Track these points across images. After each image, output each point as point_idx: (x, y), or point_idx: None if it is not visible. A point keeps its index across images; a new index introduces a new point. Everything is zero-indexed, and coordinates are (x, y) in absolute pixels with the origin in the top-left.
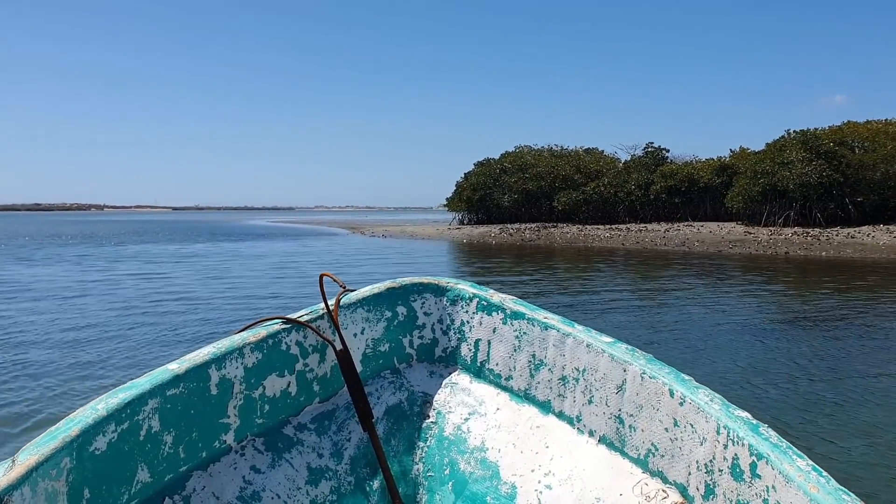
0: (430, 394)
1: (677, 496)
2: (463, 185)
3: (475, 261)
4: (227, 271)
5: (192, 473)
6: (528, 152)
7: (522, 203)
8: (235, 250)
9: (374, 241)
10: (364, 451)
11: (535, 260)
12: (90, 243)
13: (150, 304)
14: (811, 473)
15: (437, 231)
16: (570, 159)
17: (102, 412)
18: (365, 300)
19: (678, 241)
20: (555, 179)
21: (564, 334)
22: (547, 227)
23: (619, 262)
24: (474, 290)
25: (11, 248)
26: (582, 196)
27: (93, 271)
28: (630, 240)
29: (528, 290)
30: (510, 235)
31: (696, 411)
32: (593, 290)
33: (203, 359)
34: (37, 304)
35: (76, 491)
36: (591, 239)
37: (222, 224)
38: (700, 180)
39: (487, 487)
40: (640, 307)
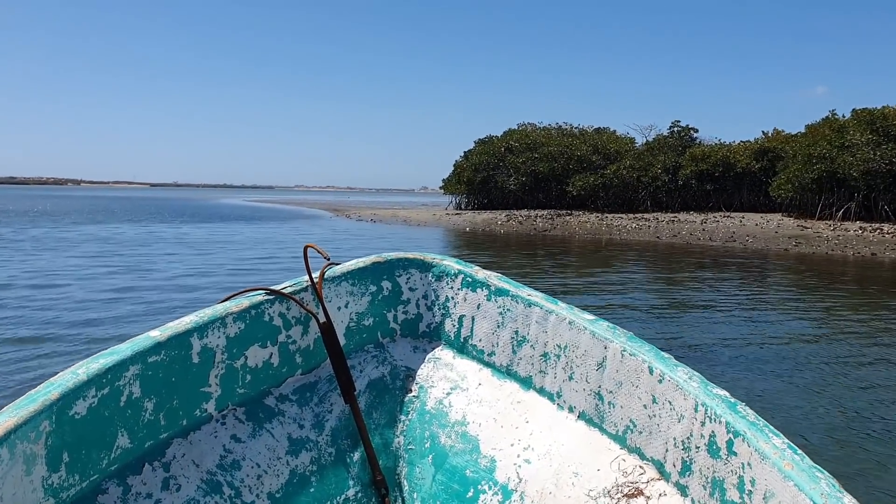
0: (413, 368)
1: (654, 472)
2: (462, 165)
3: (483, 254)
4: (148, 267)
5: (173, 441)
6: (535, 130)
7: (530, 186)
8: (184, 235)
9: (362, 227)
10: (345, 424)
11: (556, 256)
12: (32, 223)
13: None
14: (786, 451)
15: (434, 216)
16: (585, 138)
17: (83, 376)
18: (350, 274)
19: (723, 235)
20: (568, 161)
21: (547, 311)
22: (561, 215)
23: (667, 262)
24: (459, 267)
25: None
26: (601, 180)
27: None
28: (663, 232)
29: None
30: (520, 223)
31: (675, 389)
32: (667, 314)
33: (185, 327)
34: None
35: (55, 454)
36: (617, 230)
37: (195, 202)
38: (737, 165)
39: (467, 461)
40: (771, 344)
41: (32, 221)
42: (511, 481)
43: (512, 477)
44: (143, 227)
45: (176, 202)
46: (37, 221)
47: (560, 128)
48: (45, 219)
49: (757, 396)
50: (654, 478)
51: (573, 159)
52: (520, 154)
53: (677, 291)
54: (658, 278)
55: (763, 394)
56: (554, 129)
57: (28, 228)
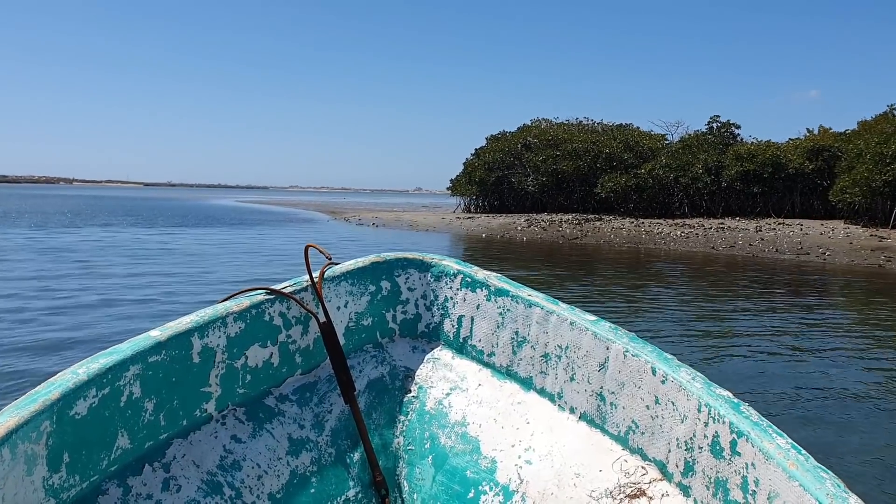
0: (412, 369)
1: (656, 473)
2: (474, 164)
3: (508, 268)
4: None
5: (173, 441)
6: (553, 126)
7: (551, 187)
8: (141, 243)
9: (364, 232)
10: (345, 424)
11: (598, 271)
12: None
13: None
14: (790, 451)
15: (443, 221)
16: (614, 134)
17: (83, 376)
18: (349, 273)
19: (790, 246)
20: (595, 159)
21: (548, 312)
22: (589, 220)
23: (746, 283)
24: (459, 267)
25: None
26: (634, 181)
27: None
28: (716, 241)
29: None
30: (543, 230)
31: (678, 389)
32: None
33: (185, 327)
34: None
35: (56, 454)
36: (660, 239)
37: (183, 203)
38: (788, 165)
39: (468, 462)
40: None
41: (79, 223)
42: (512, 482)
43: (513, 478)
44: (111, 231)
45: (164, 202)
46: (87, 222)
47: (581, 123)
48: (61, 220)
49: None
50: (657, 478)
51: (601, 157)
52: (539, 151)
53: (805, 332)
54: (752, 309)
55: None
56: (574, 125)
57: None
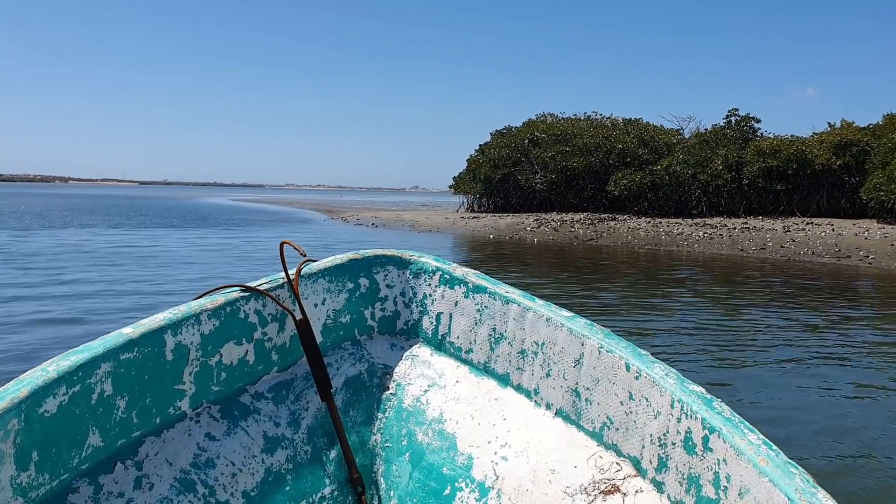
0: (391, 366)
1: (630, 469)
2: (478, 161)
3: (524, 275)
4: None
5: (146, 439)
6: (561, 121)
7: (561, 185)
8: (118, 247)
9: (363, 234)
10: (322, 422)
11: (623, 277)
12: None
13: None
14: (761, 447)
15: (447, 221)
16: (628, 128)
17: (53, 374)
18: (327, 270)
19: (825, 248)
20: (608, 155)
21: (525, 308)
22: (603, 220)
23: (797, 291)
24: (437, 264)
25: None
26: (649, 178)
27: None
28: (743, 243)
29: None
30: (554, 230)
31: (652, 385)
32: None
33: (158, 324)
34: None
35: (24, 453)
36: (682, 240)
37: (176, 202)
38: (814, 161)
39: (444, 458)
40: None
41: (63, 223)
42: (488, 479)
43: (489, 474)
44: (89, 232)
45: (156, 201)
46: (68, 223)
47: (590, 118)
48: (40, 222)
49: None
50: (631, 474)
51: (614, 153)
52: (548, 147)
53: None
54: (814, 325)
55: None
56: (583, 120)
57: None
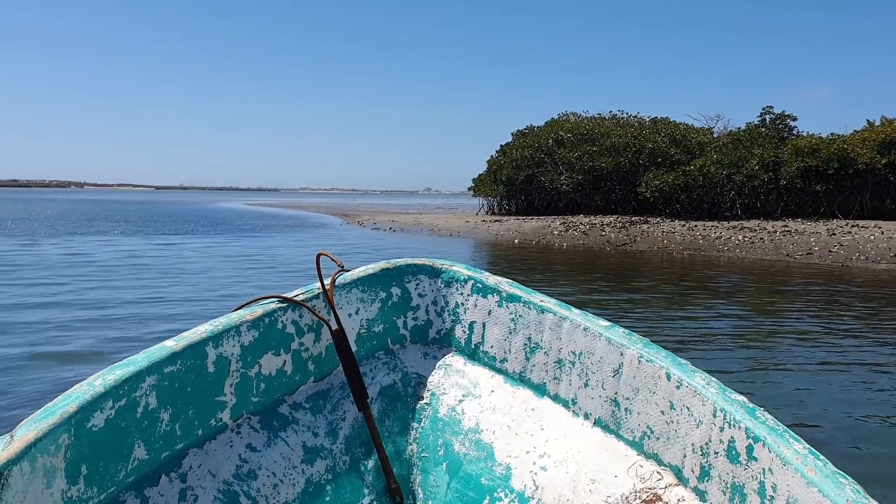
0: (424, 375)
1: (672, 478)
2: (499, 162)
3: (559, 285)
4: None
5: (189, 451)
6: (585, 120)
7: (588, 187)
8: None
9: (381, 238)
10: (359, 431)
11: (660, 289)
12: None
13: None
14: (808, 456)
15: (468, 224)
16: (658, 127)
17: (100, 388)
18: (360, 280)
19: (881, 254)
20: (637, 155)
21: (561, 318)
22: (635, 223)
23: (876, 305)
24: (469, 273)
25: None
26: (682, 179)
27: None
28: (787, 248)
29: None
30: (584, 234)
31: (693, 394)
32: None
33: (200, 336)
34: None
35: (74, 467)
36: (720, 244)
37: (189, 206)
38: (857, 160)
39: (482, 468)
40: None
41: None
42: (527, 489)
43: (528, 484)
44: (96, 240)
45: (170, 206)
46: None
47: (615, 117)
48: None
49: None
50: (673, 483)
51: (644, 153)
52: (573, 147)
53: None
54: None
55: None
56: (608, 119)
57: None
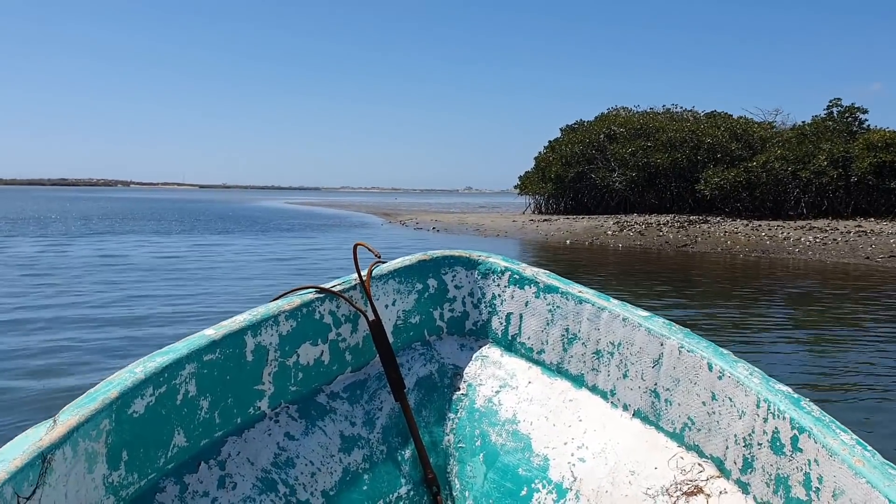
0: (461, 366)
1: (713, 470)
2: (548, 159)
3: (607, 287)
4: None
5: (227, 439)
6: (637, 115)
7: (642, 184)
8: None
9: (425, 238)
10: (395, 421)
11: (734, 296)
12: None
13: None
14: (856, 447)
15: (514, 224)
16: (717, 122)
17: (141, 375)
18: (397, 272)
19: None
20: (695, 150)
21: (599, 308)
22: (693, 222)
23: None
24: (506, 264)
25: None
26: (744, 175)
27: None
28: (868, 250)
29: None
30: (640, 234)
31: (736, 385)
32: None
33: (239, 325)
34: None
35: (115, 453)
36: (790, 246)
37: (231, 205)
38: None
39: (519, 459)
40: None
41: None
42: (566, 480)
43: (566, 475)
44: (135, 241)
45: (211, 205)
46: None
47: (669, 111)
48: (82, 227)
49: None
50: (714, 475)
51: (702, 148)
52: (627, 142)
53: None
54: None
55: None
56: (661, 114)
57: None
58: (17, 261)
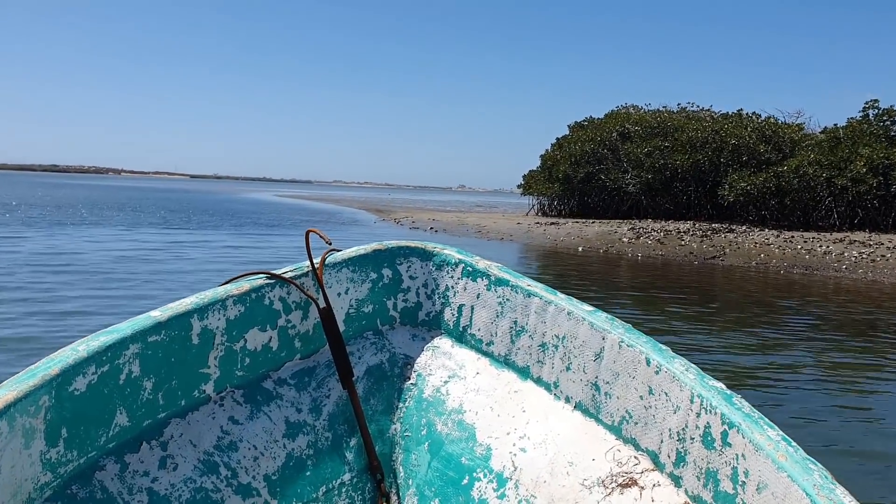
0: (412, 356)
1: (648, 463)
2: (555, 157)
3: (638, 311)
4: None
5: (171, 420)
6: (660, 112)
7: (659, 187)
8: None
9: (421, 239)
10: (343, 409)
11: (793, 324)
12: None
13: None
14: (780, 443)
15: (519, 227)
16: (743, 122)
17: (83, 353)
18: (351, 260)
19: None
20: (719, 152)
21: (547, 302)
22: (717, 231)
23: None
24: (460, 256)
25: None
26: (774, 181)
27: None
28: None
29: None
30: (659, 243)
31: (672, 380)
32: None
33: (186, 308)
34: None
35: (53, 429)
36: (831, 261)
37: (217, 196)
38: None
39: (463, 448)
40: None
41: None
42: (506, 469)
43: (507, 465)
44: (76, 233)
45: (197, 195)
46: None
47: (685, 110)
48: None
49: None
50: (649, 468)
51: (726, 150)
52: (642, 142)
53: None
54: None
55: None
56: (676, 113)
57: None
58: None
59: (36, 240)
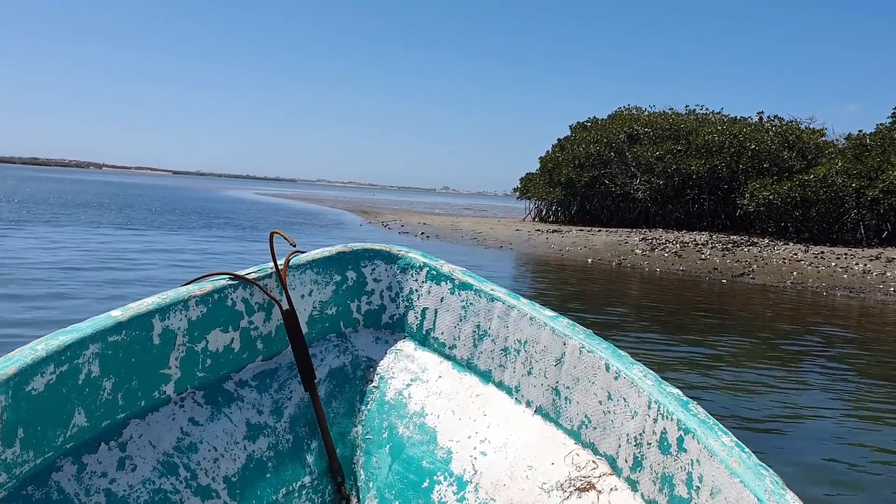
0: (375, 359)
1: (606, 467)
2: (556, 159)
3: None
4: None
5: (130, 421)
6: (670, 115)
7: (669, 194)
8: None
9: (413, 246)
10: (304, 411)
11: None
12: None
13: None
14: (734, 449)
15: (518, 234)
16: (765, 126)
17: (41, 353)
18: (315, 262)
19: None
20: (737, 158)
21: (509, 306)
22: (738, 244)
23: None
24: (425, 260)
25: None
26: (799, 190)
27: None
28: None
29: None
30: (677, 255)
31: (630, 386)
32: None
33: (147, 308)
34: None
35: (10, 429)
36: (873, 281)
37: (196, 193)
38: None
39: (424, 451)
40: None
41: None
42: (466, 473)
43: (467, 468)
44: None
45: (175, 192)
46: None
47: (693, 112)
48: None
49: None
50: (607, 473)
51: (745, 155)
52: (652, 145)
53: None
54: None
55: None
56: (685, 115)
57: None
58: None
59: (3, 242)
